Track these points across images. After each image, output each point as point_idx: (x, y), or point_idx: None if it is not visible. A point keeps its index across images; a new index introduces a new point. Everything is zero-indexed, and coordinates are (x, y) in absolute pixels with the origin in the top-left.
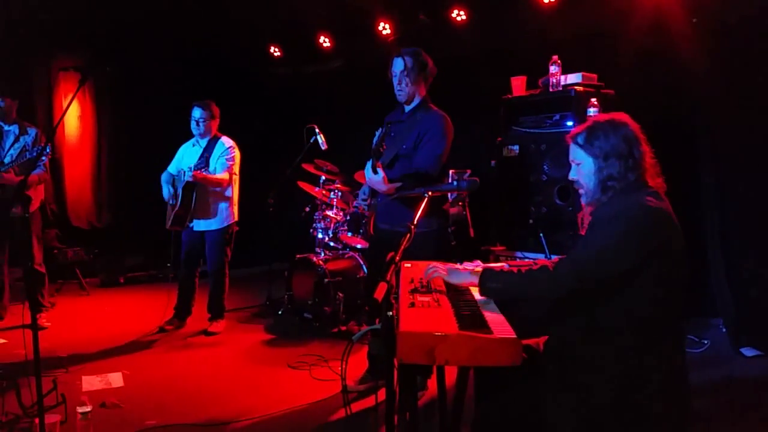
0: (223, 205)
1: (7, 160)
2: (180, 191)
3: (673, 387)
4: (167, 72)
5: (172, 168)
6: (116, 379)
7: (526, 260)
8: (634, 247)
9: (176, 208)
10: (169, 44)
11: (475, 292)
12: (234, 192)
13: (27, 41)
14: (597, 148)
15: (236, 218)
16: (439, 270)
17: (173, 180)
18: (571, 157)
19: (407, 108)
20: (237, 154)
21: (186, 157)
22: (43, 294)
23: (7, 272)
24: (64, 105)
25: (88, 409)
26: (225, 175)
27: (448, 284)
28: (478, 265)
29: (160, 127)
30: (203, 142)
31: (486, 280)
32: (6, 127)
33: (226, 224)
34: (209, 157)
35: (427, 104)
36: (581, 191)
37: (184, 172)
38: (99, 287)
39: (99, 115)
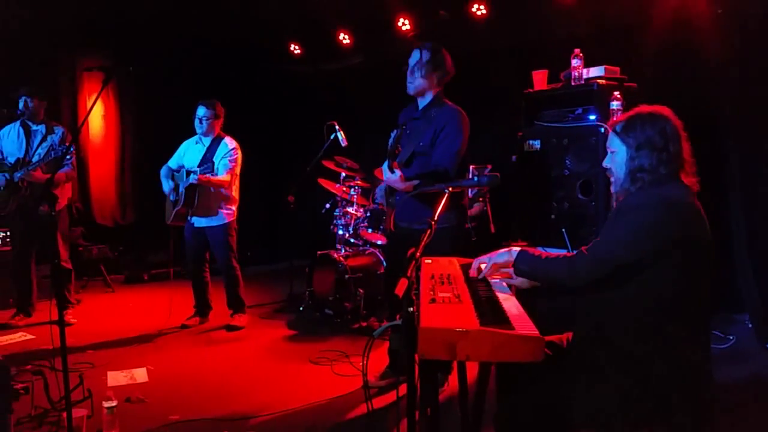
0: (222, 203)
1: (35, 159)
2: (182, 190)
3: (692, 381)
4: (189, 71)
5: (172, 163)
6: (141, 375)
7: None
8: (650, 240)
9: (178, 206)
10: (190, 43)
11: (497, 286)
12: (234, 191)
13: (52, 43)
14: (632, 138)
15: (235, 216)
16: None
17: (173, 175)
18: (608, 145)
19: (421, 104)
20: (239, 155)
21: (188, 153)
22: (70, 291)
23: (34, 270)
24: (89, 105)
25: (113, 403)
26: (227, 177)
27: (468, 278)
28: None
29: (182, 125)
30: (206, 141)
31: (518, 261)
32: (34, 127)
33: (227, 221)
34: (212, 158)
35: (441, 100)
36: (612, 179)
37: (188, 172)
38: (123, 284)
39: (122, 114)
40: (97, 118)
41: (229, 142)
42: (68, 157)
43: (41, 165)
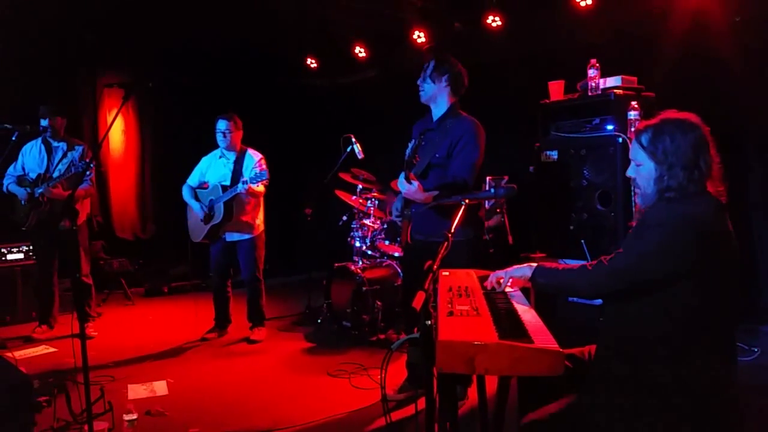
0: (254, 216)
1: (55, 174)
2: (220, 206)
3: (718, 397)
4: (207, 86)
5: (192, 181)
6: (161, 388)
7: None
8: (672, 258)
9: (214, 221)
10: (208, 59)
11: (516, 298)
12: (261, 203)
13: (73, 60)
14: (661, 153)
15: (263, 228)
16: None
17: (196, 194)
18: (632, 155)
19: (435, 115)
20: (265, 166)
21: (211, 169)
22: (90, 304)
23: (56, 283)
24: (109, 120)
25: (134, 416)
26: (261, 188)
27: (486, 291)
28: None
29: (201, 140)
30: (231, 156)
31: (536, 275)
32: (55, 144)
33: (257, 233)
34: (241, 170)
35: (456, 110)
36: (637, 191)
37: (223, 186)
38: (144, 297)
39: (142, 129)
40: (117, 133)
41: (254, 154)
42: (88, 173)
43: (61, 181)
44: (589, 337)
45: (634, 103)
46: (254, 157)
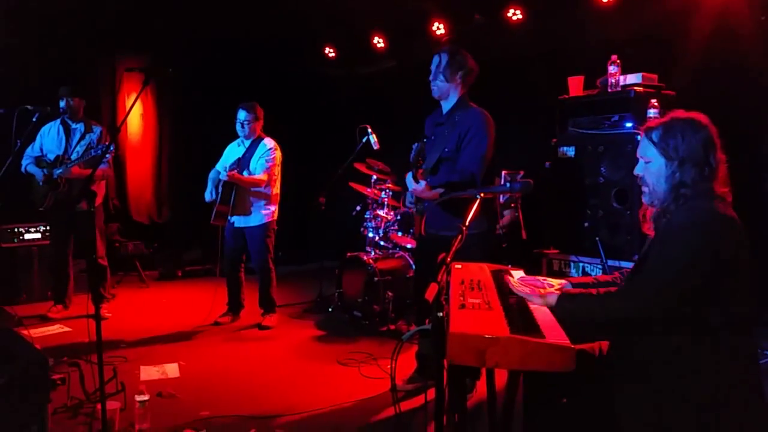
0: (262, 203)
1: (73, 156)
2: (220, 188)
3: (737, 400)
4: (225, 73)
5: (219, 166)
6: (173, 370)
7: (590, 277)
8: (709, 256)
9: (216, 204)
10: (227, 46)
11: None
12: (274, 191)
13: (93, 44)
14: (672, 149)
15: (276, 216)
16: (527, 292)
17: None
18: (641, 152)
19: (445, 108)
20: (278, 155)
21: (231, 156)
22: (105, 286)
23: (71, 264)
24: (128, 104)
25: (145, 397)
26: (263, 176)
27: (499, 284)
28: (563, 285)
29: (218, 126)
30: (247, 143)
31: (565, 303)
32: (73, 125)
33: (265, 221)
34: (250, 158)
35: (466, 103)
36: (645, 189)
37: (219, 171)
38: (158, 280)
39: (160, 113)
40: (135, 117)
41: (267, 143)
42: (106, 155)
43: (79, 162)
44: (601, 333)
45: (653, 100)
46: (267, 146)
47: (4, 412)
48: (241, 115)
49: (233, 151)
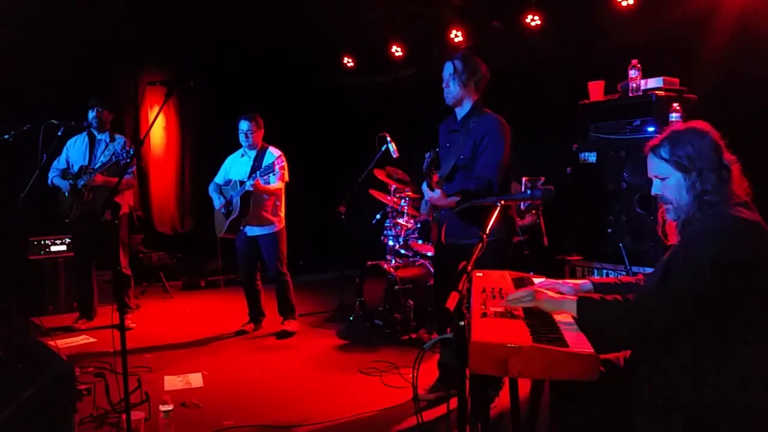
0: (275, 211)
1: (97, 165)
2: (237, 200)
3: (759, 410)
4: (245, 84)
5: (218, 179)
6: (196, 380)
7: (610, 277)
8: (733, 262)
9: (232, 215)
10: (247, 57)
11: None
12: (282, 198)
13: (116, 58)
14: (686, 159)
15: (284, 223)
16: (534, 298)
17: (221, 189)
18: (654, 172)
19: (459, 114)
20: (285, 163)
21: (234, 167)
22: (129, 296)
23: (94, 276)
24: (150, 116)
25: (170, 407)
26: (279, 184)
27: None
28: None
29: (238, 137)
30: (252, 153)
31: (586, 312)
32: (98, 136)
33: (278, 228)
34: (260, 167)
35: (480, 109)
36: (668, 207)
37: (240, 182)
38: (181, 290)
39: (182, 126)
40: (158, 129)
41: (274, 151)
42: (130, 164)
43: (103, 170)
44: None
45: (675, 104)
46: (274, 155)
47: (33, 422)
48: (244, 125)
49: (236, 162)
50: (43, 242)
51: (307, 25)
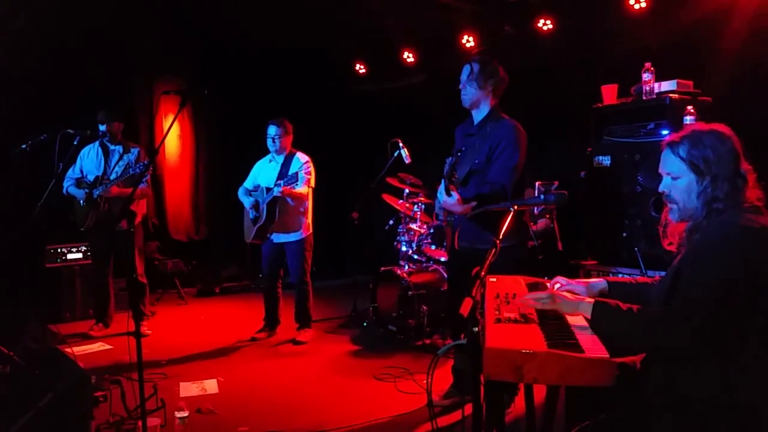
0: (301, 218)
1: (112, 177)
2: (264, 206)
3: None
4: (259, 92)
5: (247, 184)
6: (211, 386)
7: (627, 278)
8: (742, 272)
9: (259, 222)
10: (260, 65)
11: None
12: (309, 204)
13: (131, 67)
14: (703, 163)
15: (311, 230)
16: (550, 301)
17: (250, 193)
18: (666, 169)
19: (476, 118)
20: (312, 168)
21: (262, 173)
22: (145, 303)
23: (111, 282)
24: (165, 124)
25: (185, 414)
26: (305, 189)
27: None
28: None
29: (253, 144)
30: (280, 159)
31: (600, 318)
32: (112, 147)
33: (304, 235)
34: (286, 173)
35: (497, 114)
36: (672, 206)
37: (267, 188)
38: (196, 297)
39: (196, 133)
40: (173, 138)
41: (301, 157)
42: (145, 174)
43: (118, 182)
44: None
45: (690, 107)
46: (301, 160)
47: (51, 428)
48: (272, 130)
49: (264, 168)
50: (59, 250)
51: (319, 32)
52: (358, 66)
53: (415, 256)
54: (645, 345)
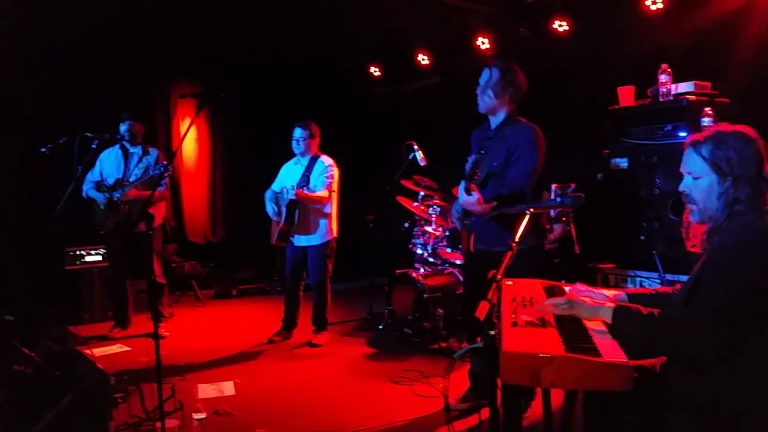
0: (323, 221)
1: (131, 179)
2: (284, 209)
3: None
4: (274, 95)
5: (275, 186)
6: (228, 388)
7: (646, 288)
8: (764, 276)
9: (280, 225)
10: (275, 68)
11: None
12: (333, 208)
13: (148, 71)
14: (725, 164)
15: (336, 234)
16: (569, 307)
17: (276, 198)
18: (688, 168)
19: (494, 123)
20: (336, 172)
21: (288, 175)
22: (163, 305)
23: (129, 286)
24: (182, 128)
25: (203, 415)
26: (325, 193)
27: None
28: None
29: (269, 147)
30: (304, 161)
31: (621, 323)
32: (131, 149)
33: (326, 239)
34: (310, 176)
35: (515, 118)
36: (692, 207)
37: (287, 190)
38: (213, 299)
39: (213, 138)
40: (190, 141)
41: (325, 160)
42: (164, 176)
43: (137, 184)
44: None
45: (707, 109)
46: (324, 163)
47: (71, 429)
48: (297, 132)
49: (290, 170)
50: (78, 252)
51: (333, 35)
52: (372, 69)
53: (431, 259)
54: (667, 349)
